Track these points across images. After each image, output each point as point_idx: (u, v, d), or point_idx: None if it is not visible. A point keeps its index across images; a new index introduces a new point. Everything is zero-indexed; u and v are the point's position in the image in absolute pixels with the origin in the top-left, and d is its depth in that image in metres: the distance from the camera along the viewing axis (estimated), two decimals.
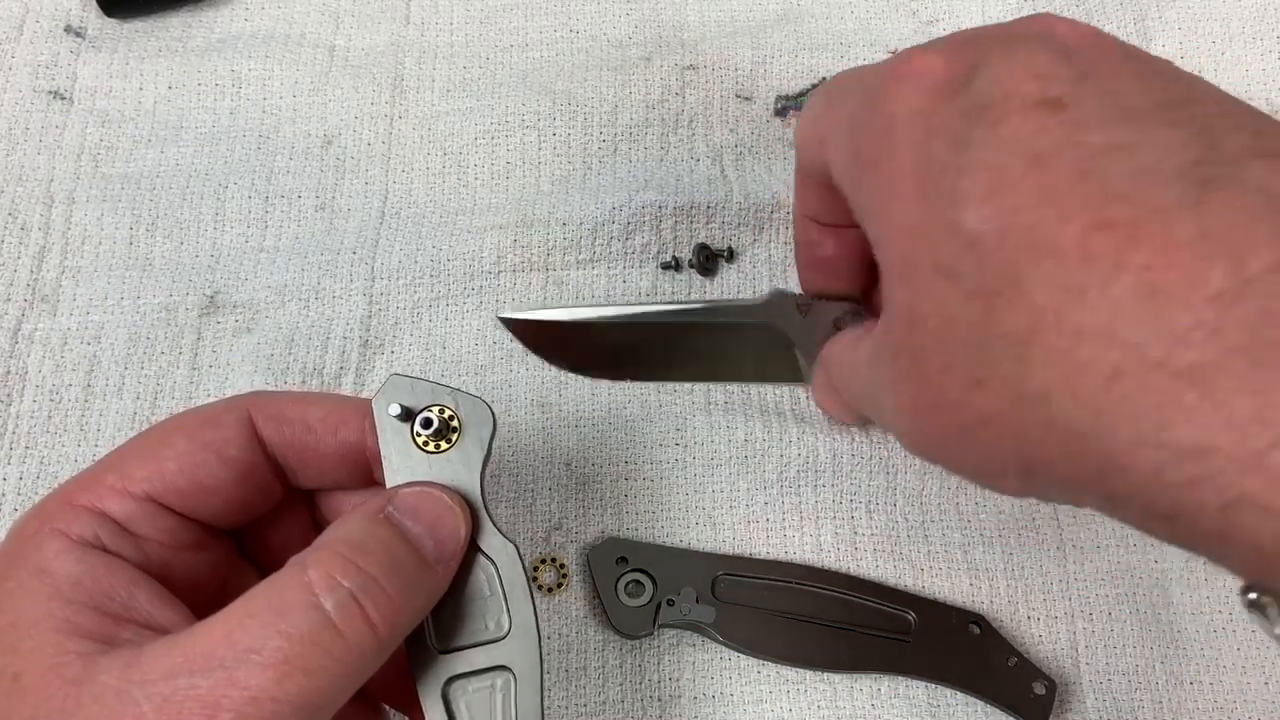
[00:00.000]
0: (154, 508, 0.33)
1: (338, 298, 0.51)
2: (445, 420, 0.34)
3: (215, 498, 0.34)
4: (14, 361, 0.49)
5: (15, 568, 0.31)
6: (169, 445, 0.33)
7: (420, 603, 0.32)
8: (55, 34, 0.56)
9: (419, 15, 0.57)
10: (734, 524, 0.47)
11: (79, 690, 0.28)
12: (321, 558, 0.30)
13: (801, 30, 0.57)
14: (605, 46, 0.57)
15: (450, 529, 0.33)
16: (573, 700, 0.44)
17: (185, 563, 0.34)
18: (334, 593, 0.29)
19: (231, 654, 0.28)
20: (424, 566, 0.32)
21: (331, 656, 0.28)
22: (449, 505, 0.33)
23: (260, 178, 0.54)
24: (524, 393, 0.49)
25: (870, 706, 0.44)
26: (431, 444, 0.34)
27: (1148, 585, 0.46)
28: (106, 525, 0.32)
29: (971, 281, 0.27)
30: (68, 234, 0.52)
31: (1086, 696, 0.44)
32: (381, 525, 0.32)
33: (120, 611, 0.30)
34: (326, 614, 0.29)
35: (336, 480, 0.37)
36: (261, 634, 0.28)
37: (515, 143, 0.54)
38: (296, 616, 0.28)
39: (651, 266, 0.52)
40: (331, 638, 0.29)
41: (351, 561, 0.30)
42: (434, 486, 0.33)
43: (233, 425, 0.34)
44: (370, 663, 0.30)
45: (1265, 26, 0.54)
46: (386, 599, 0.30)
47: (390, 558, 0.31)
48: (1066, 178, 0.26)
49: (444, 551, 0.32)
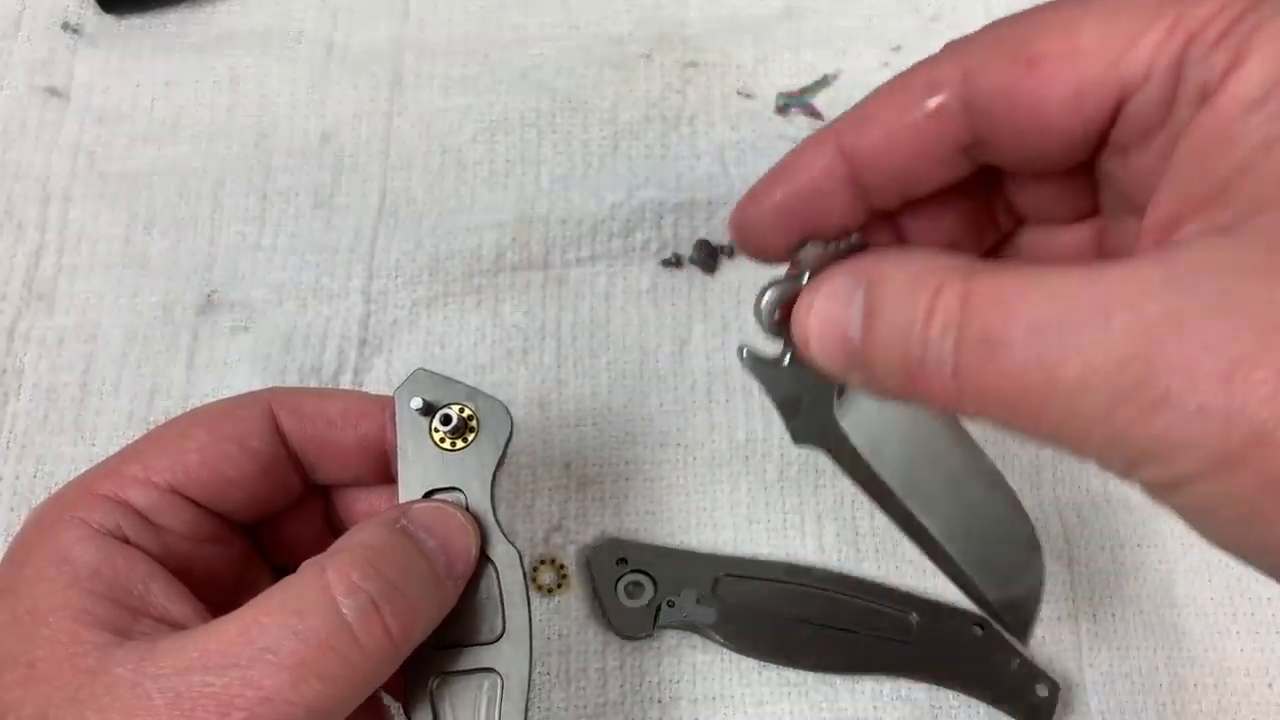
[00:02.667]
0: (176, 499, 0.32)
1: (336, 296, 0.50)
2: (464, 419, 0.34)
3: (237, 490, 0.34)
4: (10, 360, 0.49)
5: (34, 555, 0.30)
6: (191, 437, 0.33)
7: (432, 615, 0.31)
8: (52, 30, 0.56)
9: (418, 12, 0.57)
10: (735, 524, 0.47)
11: (93, 680, 0.27)
12: (342, 560, 0.30)
13: (803, 27, 0.57)
14: (606, 43, 0.56)
15: (462, 547, 0.32)
16: (573, 702, 0.44)
17: (204, 556, 0.34)
18: (353, 596, 0.29)
19: (247, 653, 0.27)
20: (437, 580, 0.31)
21: (348, 662, 0.28)
22: (461, 523, 0.33)
23: (258, 175, 0.53)
24: (524, 393, 0.49)
25: (872, 708, 0.44)
26: (448, 441, 0.34)
27: (1152, 587, 0.46)
28: (128, 515, 0.32)
29: None
30: (64, 232, 0.52)
31: (1090, 699, 0.44)
32: (401, 534, 0.31)
33: (137, 604, 0.30)
34: (344, 618, 0.28)
35: (356, 475, 0.36)
36: (279, 634, 0.28)
37: (515, 140, 0.54)
38: (315, 619, 0.28)
39: (652, 263, 0.51)
40: (349, 643, 0.28)
41: (372, 565, 0.30)
42: (448, 504, 0.33)
43: (255, 418, 0.34)
44: (384, 670, 0.29)
45: None
46: (406, 606, 0.30)
47: (409, 566, 0.31)
48: None
49: (454, 569, 0.32)
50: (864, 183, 0.28)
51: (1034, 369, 0.22)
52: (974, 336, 0.23)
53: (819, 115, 0.55)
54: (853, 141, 0.28)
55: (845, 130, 0.28)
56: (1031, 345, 0.22)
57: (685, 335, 0.50)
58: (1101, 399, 0.21)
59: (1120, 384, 0.21)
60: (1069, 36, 0.25)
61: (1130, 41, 0.24)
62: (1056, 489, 0.47)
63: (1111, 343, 0.21)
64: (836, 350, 0.26)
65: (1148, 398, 0.21)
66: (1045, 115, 0.25)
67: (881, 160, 0.28)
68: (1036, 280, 0.23)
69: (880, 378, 0.26)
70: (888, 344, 0.25)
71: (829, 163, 0.28)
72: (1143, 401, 0.21)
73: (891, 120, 0.27)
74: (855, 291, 0.26)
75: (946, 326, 0.24)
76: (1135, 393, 0.21)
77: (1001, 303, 0.23)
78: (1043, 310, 0.22)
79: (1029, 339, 0.22)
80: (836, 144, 0.28)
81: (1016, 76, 0.25)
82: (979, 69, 0.26)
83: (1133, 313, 0.21)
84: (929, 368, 0.24)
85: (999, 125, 0.26)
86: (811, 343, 0.27)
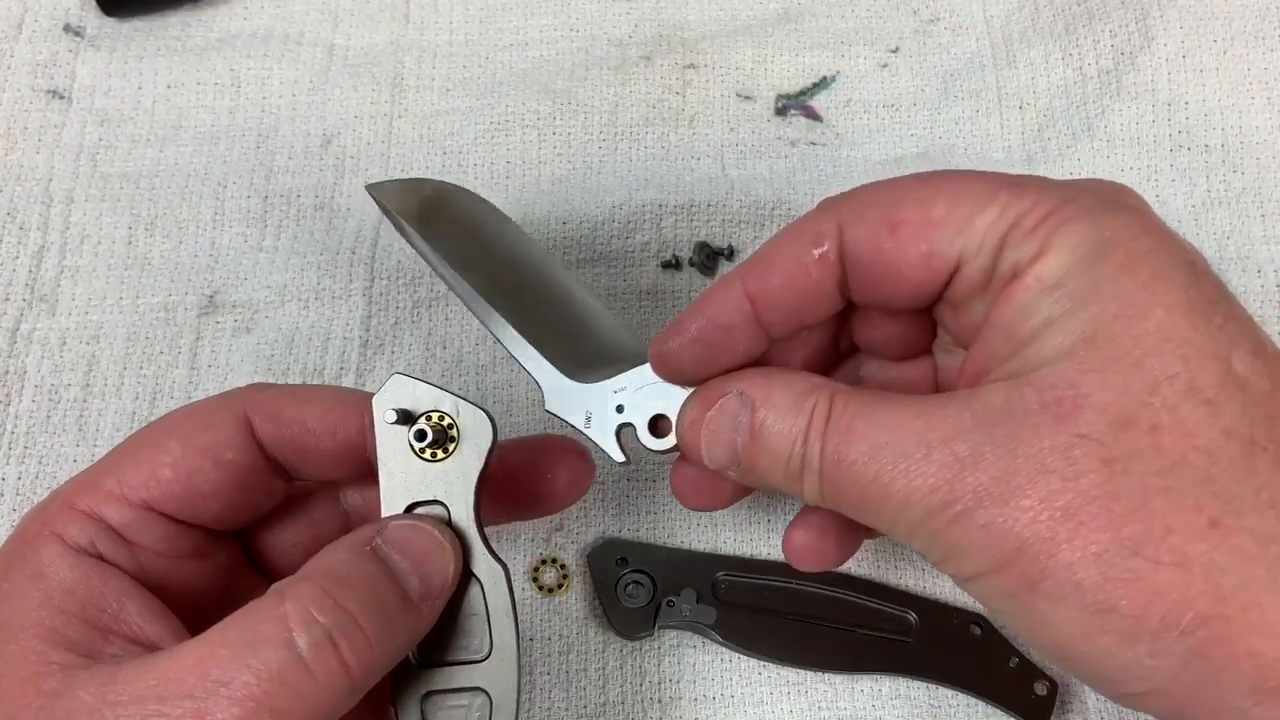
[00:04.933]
0: (151, 515, 0.32)
1: (338, 298, 0.51)
2: (444, 429, 0.33)
3: (213, 502, 0.33)
4: (13, 361, 0.49)
5: (13, 569, 0.31)
6: (165, 450, 0.33)
7: (401, 641, 0.31)
8: (54, 33, 0.56)
9: (418, 14, 0.57)
10: (735, 524, 0.47)
11: (54, 704, 0.28)
12: (301, 590, 0.29)
13: (802, 29, 0.57)
14: (605, 45, 0.57)
15: (438, 567, 0.32)
16: (573, 701, 0.44)
17: (183, 571, 0.33)
18: (309, 630, 0.28)
19: (201, 685, 0.27)
20: (407, 605, 0.31)
21: (300, 697, 0.28)
22: (439, 541, 0.32)
23: (259, 177, 0.53)
24: (524, 393, 0.49)
25: (871, 707, 0.44)
26: (429, 451, 0.33)
27: None
28: (103, 532, 0.32)
29: (1231, 420, 0.27)
30: (66, 233, 0.52)
31: (1088, 697, 0.44)
32: (367, 559, 0.31)
33: (109, 623, 0.30)
34: (299, 652, 0.28)
35: (340, 477, 0.36)
36: (232, 667, 0.27)
37: (515, 142, 0.54)
38: (268, 653, 0.28)
39: (652, 265, 0.51)
40: (302, 677, 0.28)
41: (330, 596, 0.29)
42: (427, 520, 0.33)
43: (229, 427, 0.33)
44: (342, 703, 0.29)
45: (1267, 25, 0.54)
46: (363, 639, 0.29)
47: (372, 594, 0.30)
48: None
49: (430, 589, 0.31)
50: (764, 319, 0.33)
51: (872, 484, 0.29)
52: (830, 455, 0.30)
53: (817, 117, 0.55)
54: (755, 285, 0.33)
55: (749, 275, 0.33)
56: (869, 467, 0.29)
57: None
58: (919, 512, 0.28)
59: (932, 503, 0.28)
60: (924, 210, 0.31)
61: (969, 220, 0.30)
62: None
63: (928, 471, 0.28)
64: (724, 457, 0.33)
65: (951, 514, 0.28)
66: (901, 269, 0.31)
67: (779, 298, 0.33)
68: (875, 411, 0.30)
69: (762, 478, 0.32)
70: (774, 454, 0.31)
71: (737, 302, 0.33)
72: (947, 516, 0.28)
73: (788, 265, 0.32)
74: (741, 412, 0.32)
75: (814, 444, 0.30)
76: (942, 510, 0.28)
77: (850, 430, 0.30)
78: (879, 438, 0.29)
79: (868, 461, 0.29)
80: (741, 286, 0.33)
81: (881, 237, 0.31)
82: (851, 225, 0.31)
83: (946, 449, 0.28)
84: (806, 474, 0.31)
85: (864, 272, 0.32)
86: (701, 451, 0.33)
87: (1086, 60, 0.55)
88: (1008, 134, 0.54)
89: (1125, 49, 0.54)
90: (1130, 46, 0.54)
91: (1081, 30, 0.55)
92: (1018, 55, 0.56)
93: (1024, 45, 0.56)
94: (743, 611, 0.45)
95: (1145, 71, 0.54)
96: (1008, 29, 0.56)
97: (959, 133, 0.54)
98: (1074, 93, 0.54)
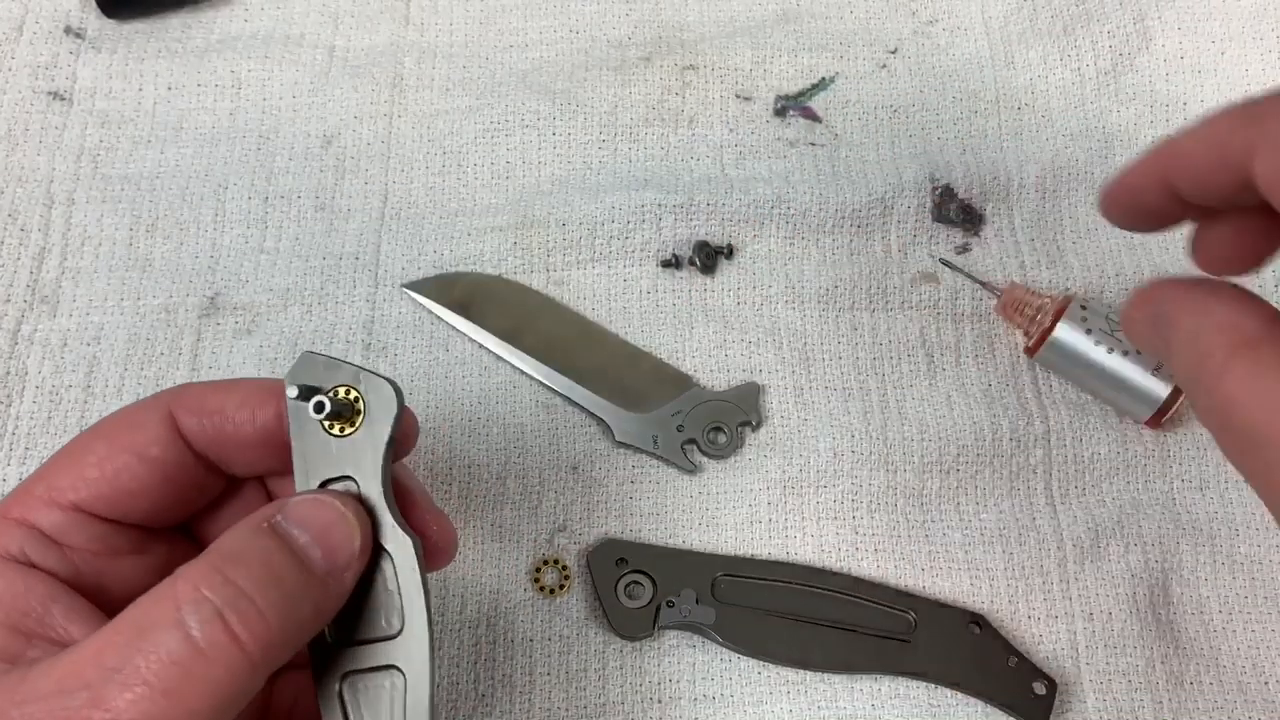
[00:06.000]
0: (81, 516, 0.32)
1: (341, 303, 0.51)
2: (348, 402, 0.32)
3: (142, 500, 0.33)
4: (14, 362, 0.49)
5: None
6: (90, 451, 0.33)
7: (305, 615, 0.30)
8: (55, 35, 0.56)
9: (418, 15, 0.57)
10: (735, 524, 0.47)
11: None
12: (191, 571, 0.29)
13: (801, 30, 0.57)
14: (605, 46, 0.57)
15: (342, 538, 0.31)
16: (573, 702, 0.45)
17: (120, 569, 0.33)
18: (198, 608, 0.28)
19: (98, 674, 0.27)
20: (309, 578, 0.30)
21: (192, 677, 0.27)
22: (341, 513, 0.31)
23: (260, 178, 0.54)
24: (528, 395, 0.49)
25: (870, 707, 0.44)
26: (336, 427, 0.32)
27: (1148, 585, 0.46)
28: (33, 538, 0.32)
29: None
30: (67, 235, 0.52)
31: (1087, 696, 0.45)
32: (263, 535, 0.30)
33: (34, 628, 0.30)
34: (189, 631, 0.27)
35: (269, 467, 0.36)
36: (125, 652, 0.27)
37: (515, 142, 0.54)
38: (158, 634, 0.27)
39: (651, 265, 0.52)
40: (193, 657, 0.27)
41: (219, 573, 0.29)
42: (331, 494, 0.32)
43: (154, 424, 0.33)
44: (245, 681, 0.28)
45: (1265, 26, 0.54)
46: (256, 614, 0.28)
47: (267, 569, 0.29)
48: None
49: (334, 562, 0.31)
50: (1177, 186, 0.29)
51: None
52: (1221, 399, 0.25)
53: (816, 117, 0.55)
54: (1169, 157, 0.29)
55: (1165, 145, 0.29)
56: None
57: (685, 336, 0.50)
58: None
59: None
60: None
61: None
62: (1052, 488, 0.48)
63: None
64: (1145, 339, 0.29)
65: None
66: None
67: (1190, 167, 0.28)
68: None
69: None
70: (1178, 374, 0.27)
71: (1150, 168, 0.29)
72: None
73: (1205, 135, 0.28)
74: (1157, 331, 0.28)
75: None
76: None
77: None
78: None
79: None
80: (1157, 157, 0.29)
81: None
82: None
83: None
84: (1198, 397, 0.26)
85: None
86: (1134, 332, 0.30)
87: (1085, 61, 0.55)
88: None
89: (1123, 50, 0.54)
90: (1128, 48, 0.54)
91: (1080, 31, 0.55)
92: (1016, 56, 0.56)
93: (1022, 46, 0.56)
94: (742, 612, 0.45)
95: (1143, 73, 0.54)
96: (1006, 30, 0.56)
97: (957, 134, 0.55)
98: (1072, 94, 0.55)
